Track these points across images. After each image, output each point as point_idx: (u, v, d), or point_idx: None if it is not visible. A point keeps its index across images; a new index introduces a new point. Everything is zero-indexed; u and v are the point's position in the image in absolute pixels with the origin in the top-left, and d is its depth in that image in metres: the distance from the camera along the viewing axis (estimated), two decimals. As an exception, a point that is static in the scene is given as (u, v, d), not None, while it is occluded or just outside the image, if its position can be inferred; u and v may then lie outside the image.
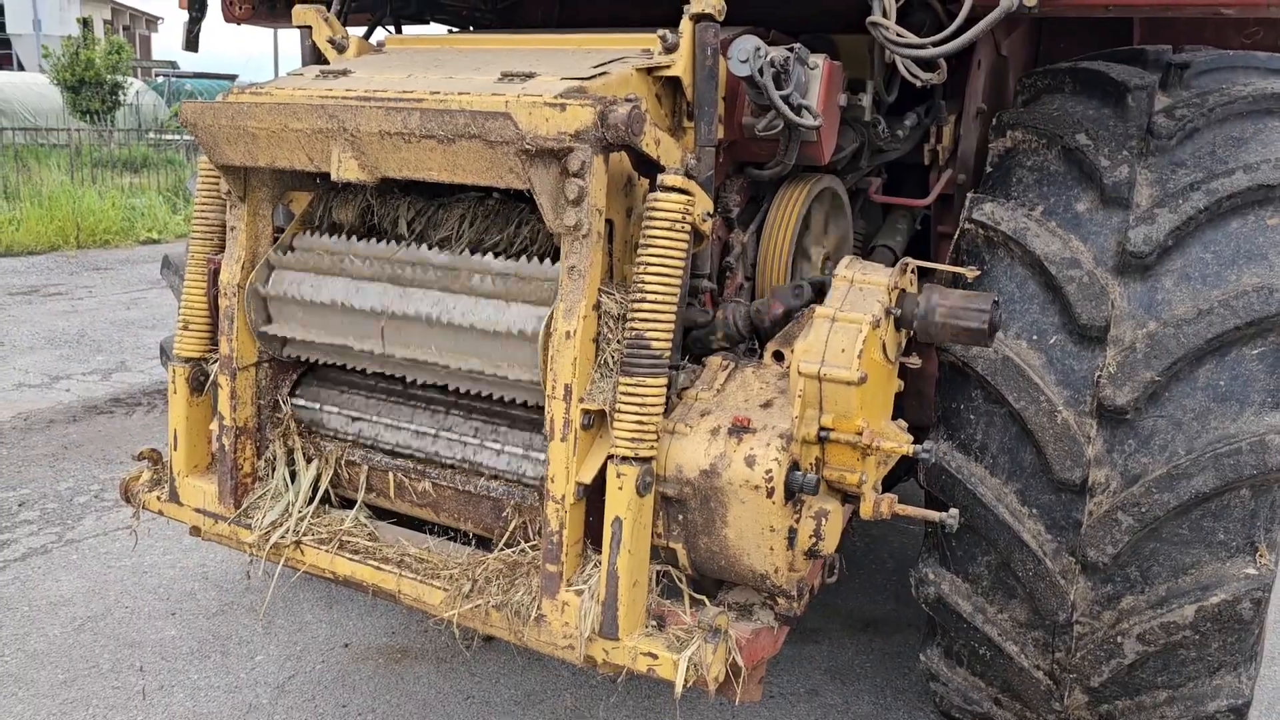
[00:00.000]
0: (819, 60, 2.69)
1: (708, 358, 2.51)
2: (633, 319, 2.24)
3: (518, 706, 3.60)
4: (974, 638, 2.82)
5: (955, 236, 2.88)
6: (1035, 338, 2.67)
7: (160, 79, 37.36)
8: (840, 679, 3.85)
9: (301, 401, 2.88)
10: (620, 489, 2.22)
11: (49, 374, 7.53)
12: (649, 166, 2.36)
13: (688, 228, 2.27)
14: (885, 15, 2.69)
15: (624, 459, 2.21)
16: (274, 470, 2.85)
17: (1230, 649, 2.58)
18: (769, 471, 2.20)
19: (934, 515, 2.37)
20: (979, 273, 2.64)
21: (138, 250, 13.62)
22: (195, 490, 2.89)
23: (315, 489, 2.84)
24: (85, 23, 28.10)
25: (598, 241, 2.26)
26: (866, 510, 2.34)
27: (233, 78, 39.02)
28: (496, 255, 2.51)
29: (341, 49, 3.02)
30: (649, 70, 2.51)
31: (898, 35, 2.70)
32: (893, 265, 2.46)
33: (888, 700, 3.73)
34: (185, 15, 4.03)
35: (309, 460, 2.85)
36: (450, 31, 3.63)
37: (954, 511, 2.35)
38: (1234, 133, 2.77)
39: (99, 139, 22.78)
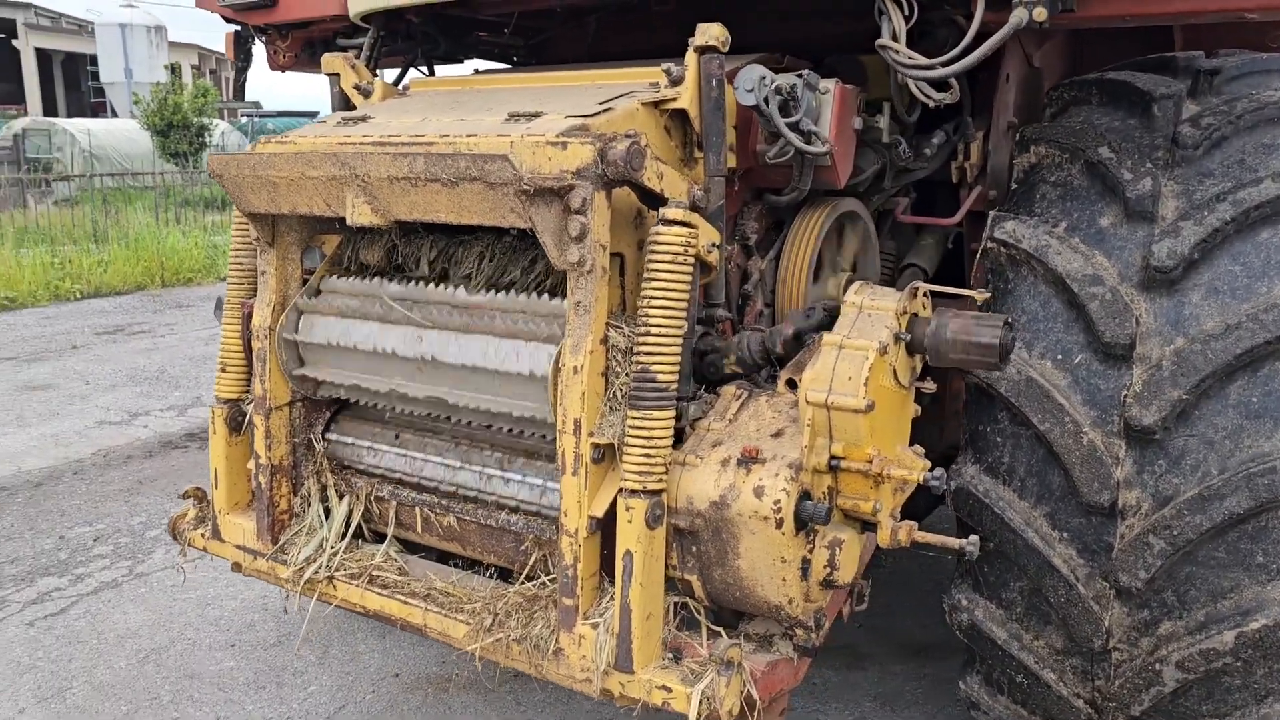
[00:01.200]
0: (830, 85, 2.68)
1: (723, 387, 2.51)
2: (638, 353, 2.24)
3: (563, 735, 3.62)
4: (1011, 665, 2.75)
5: (978, 255, 2.83)
6: (1060, 357, 2.61)
7: (244, 119, 38.62)
8: (889, 706, 3.79)
9: (334, 439, 2.95)
10: (630, 522, 2.23)
11: (129, 410, 7.82)
12: (656, 200, 2.37)
13: (690, 260, 2.27)
14: (895, 38, 2.67)
15: (633, 492, 2.22)
16: (309, 507, 2.92)
17: (1277, 676, 2.47)
18: (777, 502, 2.19)
19: (954, 542, 2.33)
20: (988, 295, 2.59)
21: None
22: (236, 527, 2.97)
23: (348, 524, 2.90)
24: (173, 69, 29.25)
25: (602, 276, 2.28)
26: (883, 538, 2.32)
27: (314, 114, 40.11)
28: (509, 291, 2.55)
29: (367, 94, 3.10)
30: (656, 104, 2.53)
31: (909, 58, 2.67)
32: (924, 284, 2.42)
33: (938, 728, 3.66)
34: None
35: (341, 496, 2.92)
36: (475, 71, 3.70)
37: (974, 539, 2.31)
38: (1264, 140, 2.67)
39: (185, 180, 23.62)
